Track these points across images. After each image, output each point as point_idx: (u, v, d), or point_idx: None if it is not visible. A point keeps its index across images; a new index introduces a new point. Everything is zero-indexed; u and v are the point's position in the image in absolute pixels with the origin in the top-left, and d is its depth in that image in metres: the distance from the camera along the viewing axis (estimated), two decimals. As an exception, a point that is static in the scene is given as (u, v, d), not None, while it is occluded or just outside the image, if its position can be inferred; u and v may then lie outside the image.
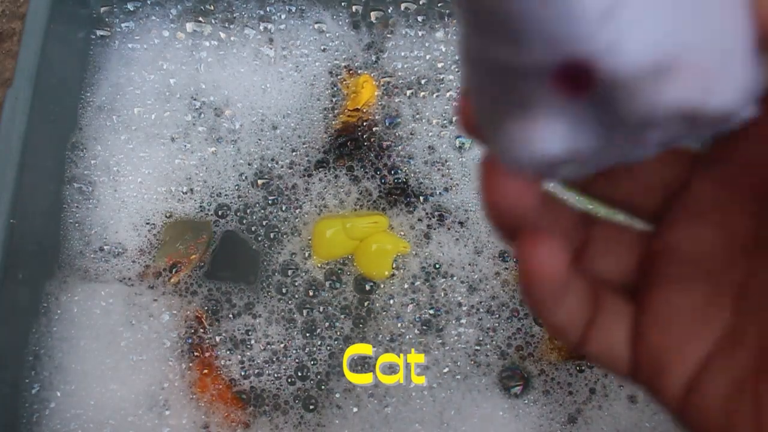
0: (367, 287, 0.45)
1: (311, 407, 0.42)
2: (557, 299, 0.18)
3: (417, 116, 0.48)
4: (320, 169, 0.47)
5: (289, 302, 0.44)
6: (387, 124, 0.48)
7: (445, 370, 0.43)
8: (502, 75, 0.15)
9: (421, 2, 0.50)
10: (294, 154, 0.47)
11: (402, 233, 0.45)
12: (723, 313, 0.18)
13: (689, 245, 0.19)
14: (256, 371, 0.43)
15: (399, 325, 0.44)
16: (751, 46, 0.15)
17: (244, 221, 0.46)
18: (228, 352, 0.43)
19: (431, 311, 0.44)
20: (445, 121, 0.47)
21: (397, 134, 0.47)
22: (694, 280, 0.18)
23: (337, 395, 0.42)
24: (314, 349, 0.43)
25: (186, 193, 0.46)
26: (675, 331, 0.18)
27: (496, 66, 0.15)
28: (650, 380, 0.18)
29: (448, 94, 0.48)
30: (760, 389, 0.17)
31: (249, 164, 0.47)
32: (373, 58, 0.49)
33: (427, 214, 0.46)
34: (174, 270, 0.45)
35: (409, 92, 0.48)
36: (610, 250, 0.20)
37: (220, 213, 0.46)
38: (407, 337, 0.44)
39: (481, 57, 0.15)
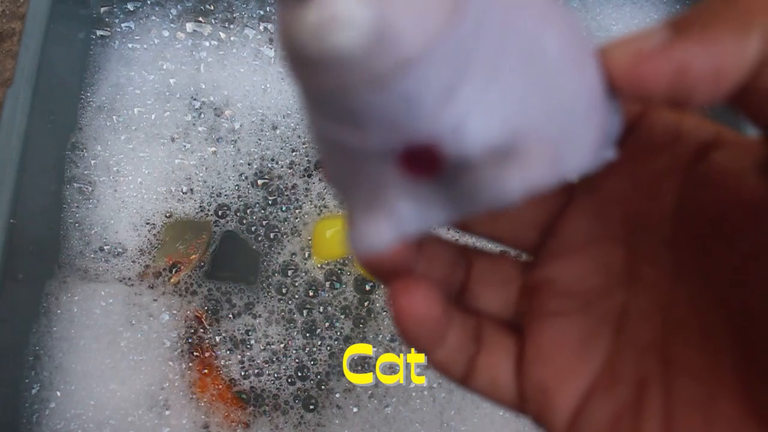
0: (367, 287, 0.45)
1: (311, 407, 0.42)
2: (435, 340, 0.18)
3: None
4: (320, 169, 0.47)
5: (289, 302, 0.44)
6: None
7: (445, 370, 0.43)
8: (347, 156, 0.14)
9: (421, 2, 0.50)
10: (294, 154, 0.47)
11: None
12: (602, 345, 0.18)
13: (566, 277, 0.19)
14: (256, 371, 0.43)
15: (399, 325, 0.44)
16: (604, 94, 0.15)
17: (244, 221, 0.46)
18: (228, 352, 0.43)
19: (431, 311, 0.44)
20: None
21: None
22: (572, 312, 0.18)
23: (337, 395, 0.42)
24: (314, 349, 0.43)
25: (186, 193, 0.46)
26: (556, 365, 0.18)
27: (341, 147, 0.14)
28: (537, 414, 0.18)
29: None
30: (639, 423, 0.17)
31: (249, 164, 0.47)
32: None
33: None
34: (174, 270, 0.45)
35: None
36: (491, 283, 0.20)
37: (220, 213, 0.46)
38: (407, 337, 0.44)
39: (325, 136, 0.14)
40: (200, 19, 0.50)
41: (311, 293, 0.44)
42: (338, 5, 0.11)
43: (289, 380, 0.43)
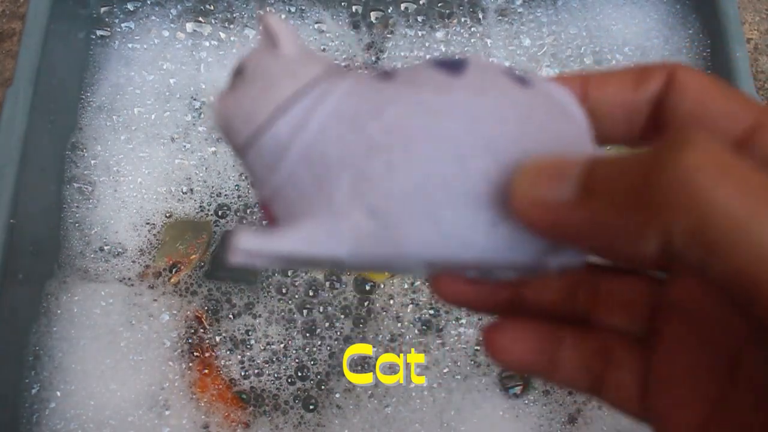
0: (367, 287, 0.45)
1: (311, 407, 0.42)
2: (542, 370, 0.19)
3: (417, 116, 0.48)
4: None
5: (289, 302, 0.44)
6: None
7: (445, 370, 0.43)
8: None
9: (421, 2, 0.50)
10: (294, 154, 0.47)
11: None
12: (719, 379, 0.18)
13: (690, 304, 0.19)
14: (256, 371, 0.43)
15: (399, 325, 0.44)
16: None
17: (244, 221, 0.46)
18: (228, 352, 0.43)
19: (431, 311, 0.44)
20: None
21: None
22: (693, 341, 0.18)
23: (337, 395, 0.42)
24: (314, 349, 0.43)
25: (186, 193, 0.46)
26: (676, 391, 0.18)
27: None
28: (659, 430, 0.19)
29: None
30: None
31: (249, 164, 0.47)
32: (373, 58, 0.49)
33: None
34: (174, 270, 0.45)
35: (409, 92, 0.48)
36: (618, 303, 0.20)
37: (220, 213, 0.46)
38: (407, 337, 0.44)
39: None
40: (200, 19, 0.50)
41: (311, 293, 0.44)
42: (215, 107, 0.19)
43: (289, 380, 0.43)
